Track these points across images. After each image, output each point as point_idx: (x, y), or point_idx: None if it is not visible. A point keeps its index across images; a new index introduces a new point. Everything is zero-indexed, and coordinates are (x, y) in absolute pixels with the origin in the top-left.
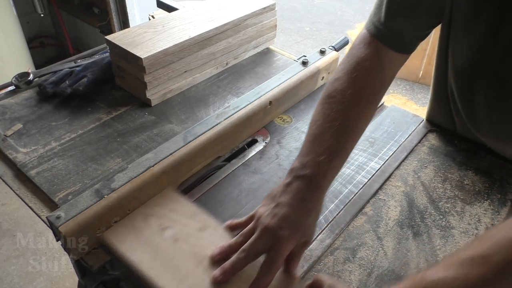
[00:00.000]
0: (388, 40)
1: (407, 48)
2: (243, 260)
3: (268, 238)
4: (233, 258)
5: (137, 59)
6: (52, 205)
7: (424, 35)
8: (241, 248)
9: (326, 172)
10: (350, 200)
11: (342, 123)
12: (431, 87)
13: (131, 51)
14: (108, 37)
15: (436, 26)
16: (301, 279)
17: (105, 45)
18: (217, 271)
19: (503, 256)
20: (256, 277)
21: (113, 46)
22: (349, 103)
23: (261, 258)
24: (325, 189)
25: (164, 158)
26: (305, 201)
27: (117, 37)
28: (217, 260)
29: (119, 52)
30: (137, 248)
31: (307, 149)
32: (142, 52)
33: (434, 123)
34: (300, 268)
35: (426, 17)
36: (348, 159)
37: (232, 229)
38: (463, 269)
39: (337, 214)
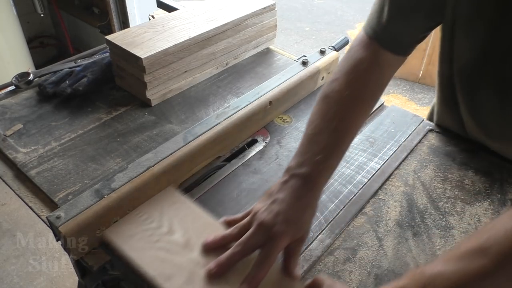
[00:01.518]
0: (386, 43)
1: (405, 50)
2: (238, 254)
3: (263, 233)
4: (229, 252)
5: (137, 59)
6: (52, 205)
7: (422, 38)
8: (237, 242)
9: (322, 171)
10: (350, 200)
11: (338, 123)
12: (436, 91)
13: (131, 51)
14: (108, 37)
15: (434, 28)
16: (301, 279)
17: (105, 45)
18: (212, 264)
19: (501, 247)
20: (250, 272)
21: (113, 46)
22: (346, 104)
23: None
24: (321, 187)
25: (164, 158)
26: (301, 198)
27: (117, 37)
28: (208, 248)
29: (119, 52)
30: (137, 246)
31: (304, 148)
32: (142, 52)
33: (443, 127)
34: (300, 268)
35: (425, 20)
36: (348, 159)
37: (229, 224)
38: (462, 262)
39: (337, 214)
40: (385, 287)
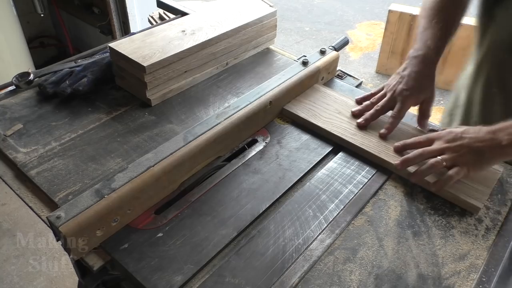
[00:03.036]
0: None
1: None
2: (378, 112)
3: (395, 98)
4: (371, 111)
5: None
6: (52, 205)
7: None
8: (376, 105)
9: (433, 51)
10: (350, 200)
11: (438, 20)
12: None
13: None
14: (112, 45)
15: None
16: (301, 280)
17: (105, 45)
18: (360, 119)
19: None
20: (387, 123)
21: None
22: (439, 8)
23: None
24: (436, 62)
25: (164, 158)
26: (422, 70)
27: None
28: (356, 114)
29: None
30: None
31: (418, 39)
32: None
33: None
34: (301, 267)
35: None
36: (348, 159)
37: (364, 99)
38: None
39: (337, 214)
40: (501, 124)
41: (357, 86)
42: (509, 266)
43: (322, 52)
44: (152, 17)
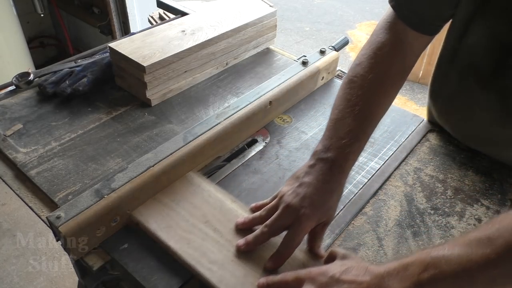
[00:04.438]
0: (410, 21)
1: (430, 29)
2: (265, 234)
3: (289, 215)
4: (257, 232)
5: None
6: (52, 205)
7: (448, 16)
8: (264, 223)
9: (348, 155)
10: (350, 200)
11: (362, 107)
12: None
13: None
14: (112, 45)
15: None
16: None
17: (105, 45)
18: (241, 241)
19: (507, 239)
20: (277, 251)
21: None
22: (369, 88)
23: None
24: (347, 172)
25: (164, 158)
26: (328, 182)
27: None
28: (239, 229)
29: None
30: (163, 226)
31: (330, 133)
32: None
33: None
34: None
35: None
36: None
37: (257, 210)
38: (468, 248)
39: (337, 214)
40: (392, 263)
41: None
42: None
43: (322, 52)
44: (152, 17)
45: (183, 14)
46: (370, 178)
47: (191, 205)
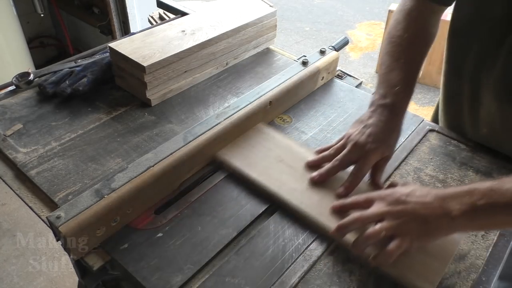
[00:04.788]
0: None
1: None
2: (336, 167)
3: (358, 151)
4: (329, 165)
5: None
6: (52, 205)
7: None
8: (335, 158)
9: (402, 99)
10: None
11: (406, 59)
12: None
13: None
14: (112, 45)
15: None
16: (300, 280)
17: (105, 45)
18: (315, 173)
19: (482, 193)
20: (347, 180)
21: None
22: (407, 44)
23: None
24: (403, 113)
25: (164, 158)
26: (389, 122)
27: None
28: (310, 166)
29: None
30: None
31: (383, 83)
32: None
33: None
34: (300, 267)
35: None
36: None
37: (323, 151)
38: None
39: None
40: (452, 189)
41: (357, 86)
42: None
43: (322, 52)
44: (152, 17)
45: (183, 14)
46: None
47: (265, 148)
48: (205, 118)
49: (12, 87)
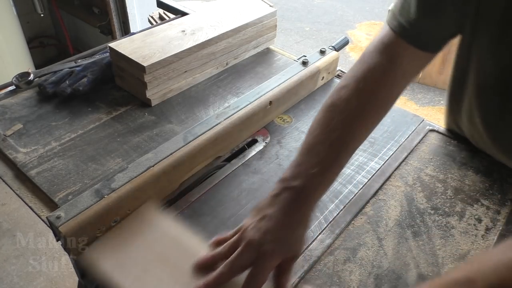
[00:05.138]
0: (414, 39)
1: (435, 47)
2: (226, 275)
3: (251, 252)
4: (217, 271)
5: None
6: (52, 205)
7: (453, 34)
8: (224, 263)
9: (317, 185)
10: (350, 200)
11: (340, 135)
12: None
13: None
14: (112, 45)
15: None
16: (300, 280)
17: (105, 45)
18: (201, 283)
19: (488, 282)
20: None
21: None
22: (352, 114)
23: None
24: (314, 202)
25: (164, 158)
26: (292, 214)
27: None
28: (199, 269)
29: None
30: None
31: (301, 159)
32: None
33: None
34: (300, 267)
35: (456, 14)
36: None
37: (219, 244)
38: None
39: (337, 214)
40: None
41: None
42: None
43: (322, 52)
44: (152, 17)
45: (183, 14)
46: (370, 178)
47: (147, 241)
48: (205, 118)
49: (12, 87)
